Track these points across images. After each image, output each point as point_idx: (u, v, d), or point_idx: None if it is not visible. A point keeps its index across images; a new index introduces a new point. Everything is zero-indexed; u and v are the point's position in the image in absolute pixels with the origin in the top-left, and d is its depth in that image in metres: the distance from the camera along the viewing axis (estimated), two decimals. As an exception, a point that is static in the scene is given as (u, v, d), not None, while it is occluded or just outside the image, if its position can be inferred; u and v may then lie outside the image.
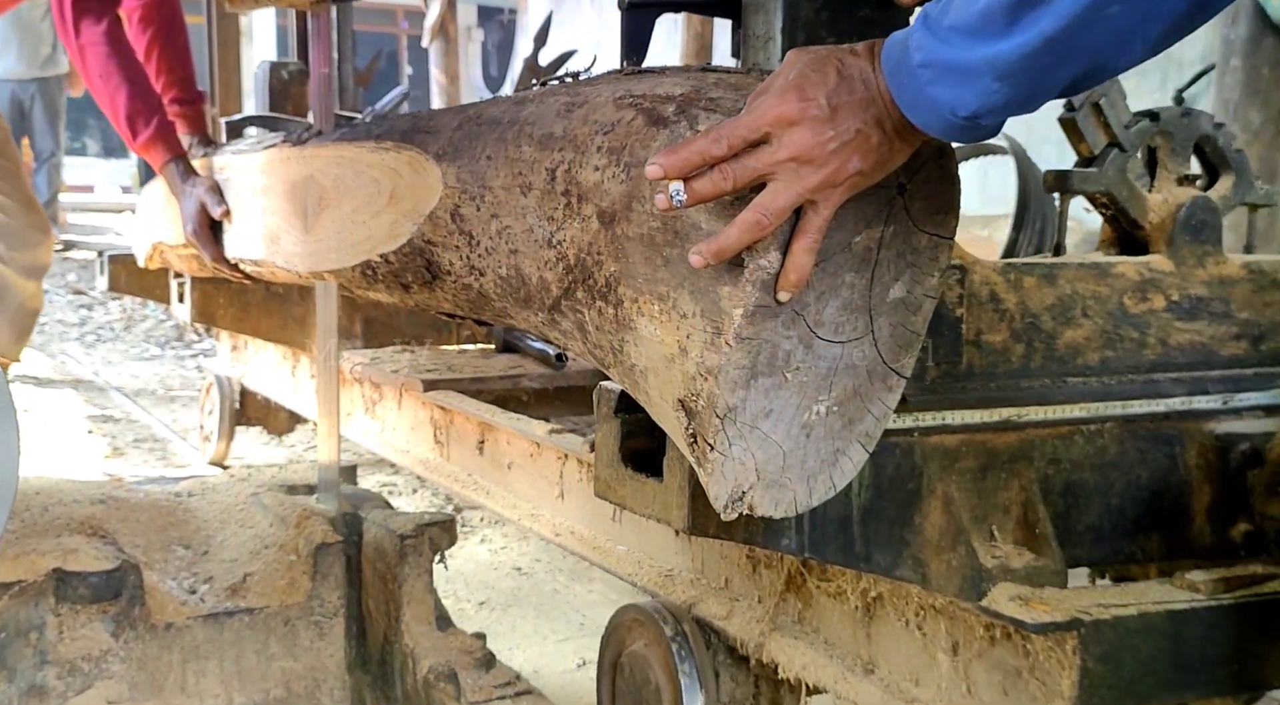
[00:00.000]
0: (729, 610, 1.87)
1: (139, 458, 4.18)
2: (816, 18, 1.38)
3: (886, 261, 1.11)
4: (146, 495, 1.64)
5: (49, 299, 7.31)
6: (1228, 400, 1.58)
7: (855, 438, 1.15)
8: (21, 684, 1.35)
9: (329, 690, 1.53)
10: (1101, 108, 1.57)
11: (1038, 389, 1.52)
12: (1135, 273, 1.58)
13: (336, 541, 1.55)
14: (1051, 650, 1.38)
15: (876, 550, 1.43)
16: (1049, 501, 1.51)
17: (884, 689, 1.60)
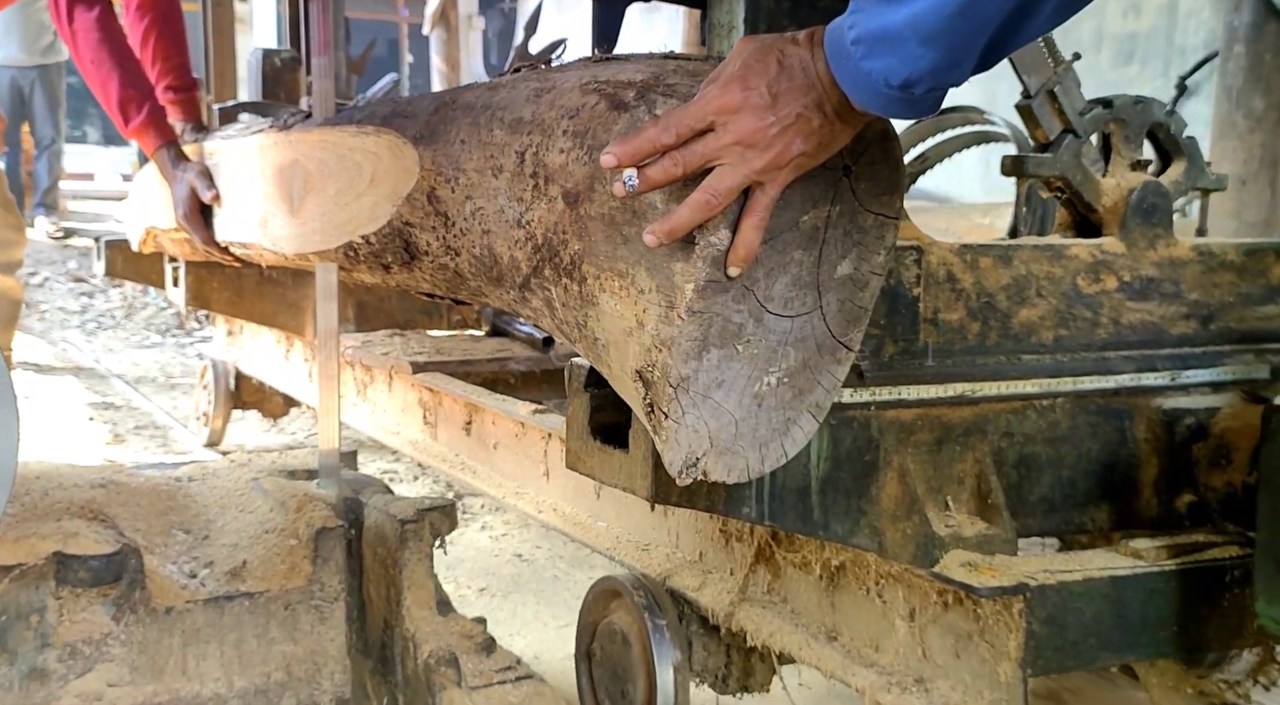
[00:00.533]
0: (701, 582, 1.93)
1: (140, 444, 4.21)
2: (778, 7, 1.44)
3: (834, 240, 1.17)
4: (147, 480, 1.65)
5: (49, 287, 7.36)
6: (1175, 377, 1.64)
7: (806, 408, 1.22)
8: (22, 666, 1.35)
9: (329, 674, 1.53)
10: (1056, 95, 1.63)
11: (993, 366, 1.58)
12: (1088, 254, 1.64)
13: (337, 526, 1.55)
14: (999, 613, 1.45)
15: (834, 519, 1.50)
16: (1002, 473, 1.58)
17: (845, 654, 1.67)
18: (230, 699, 1.48)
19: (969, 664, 1.51)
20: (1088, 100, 1.65)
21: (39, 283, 7.35)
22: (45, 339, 6.40)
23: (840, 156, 1.13)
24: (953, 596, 1.52)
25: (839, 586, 1.71)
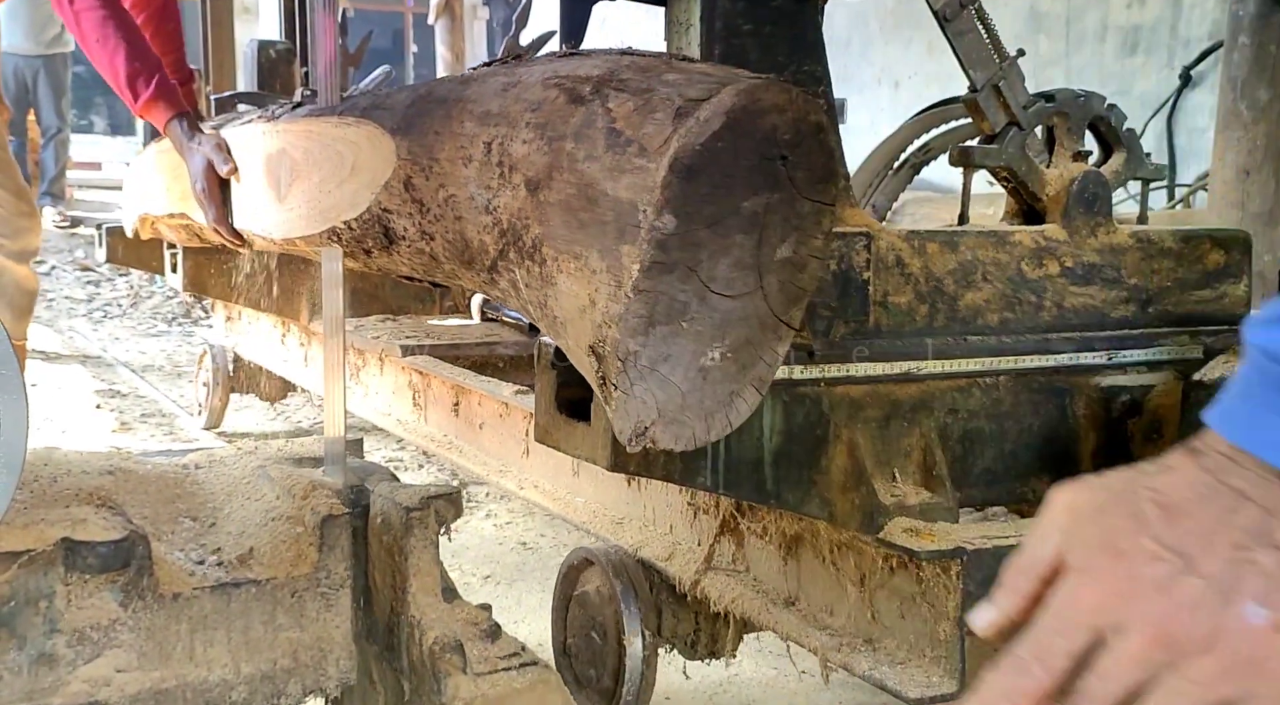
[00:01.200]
0: (670, 552, 2.03)
1: (146, 432, 4.25)
2: (733, 6, 1.53)
3: (773, 224, 1.26)
4: (154, 467, 1.64)
5: (56, 275, 7.41)
6: (1113, 357, 1.73)
7: (749, 381, 1.31)
8: (31, 652, 1.36)
9: (335, 660, 1.54)
10: (1001, 89, 1.72)
11: (939, 345, 1.67)
12: (1032, 241, 1.73)
13: (343, 514, 1.53)
14: (939, 576, 1.55)
15: (786, 489, 1.59)
16: (947, 447, 1.67)
17: (801, 618, 1.77)
18: (237, 685, 1.47)
19: (912, 624, 1.61)
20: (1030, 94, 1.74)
21: (46, 271, 7.40)
22: (53, 327, 6.44)
23: (776, 147, 1.22)
24: (897, 562, 1.62)
25: (796, 555, 1.81)
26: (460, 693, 1.37)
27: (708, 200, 1.20)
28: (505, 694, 1.37)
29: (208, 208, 2.24)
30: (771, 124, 1.22)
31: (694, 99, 1.19)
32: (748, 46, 1.54)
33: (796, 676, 2.32)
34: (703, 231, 1.21)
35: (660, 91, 1.23)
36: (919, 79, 7.48)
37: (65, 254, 7.74)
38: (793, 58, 1.57)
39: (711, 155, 1.18)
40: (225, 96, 3.19)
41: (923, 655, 1.59)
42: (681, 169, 1.17)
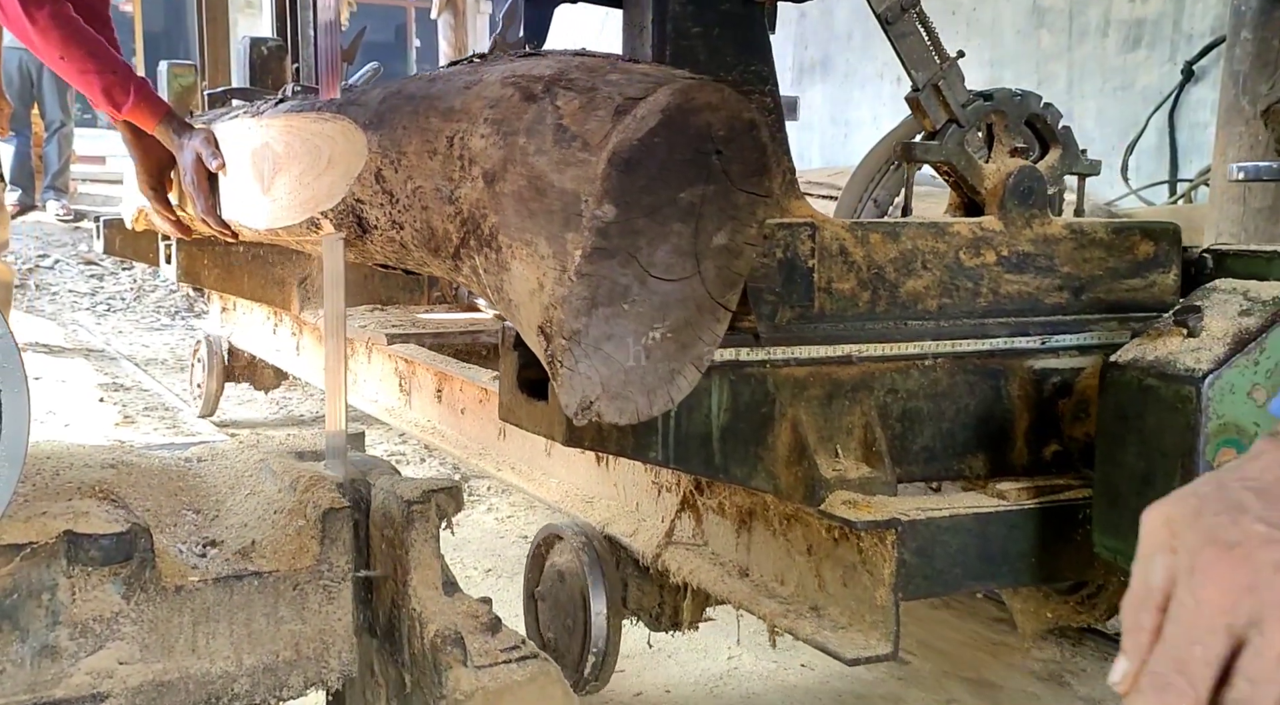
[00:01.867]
0: (635, 528, 2.14)
1: (149, 425, 4.30)
2: (682, 10, 1.63)
3: (709, 214, 1.36)
4: (157, 461, 1.65)
5: (60, 269, 7.44)
6: (1045, 341, 1.84)
7: (689, 360, 1.41)
8: (34, 644, 1.36)
9: (337, 653, 1.54)
10: (941, 89, 1.82)
11: (880, 330, 1.77)
12: (969, 231, 1.83)
13: (344, 507, 1.54)
14: (876, 545, 1.65)
15: (734, 464, 1.70)
16: (887, 425, 1.78)
17: (753, 588, 1.88)
18: (239, 677, 1.49)
19: (854, 591, 1.71)
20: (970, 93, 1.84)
21: (49, 265, 7.44)
22: (56, 321, 6.48)
23: (711, 142, 1.32)
24: (840, 533, 1.72)
25: (750, 529, 1.92)
26: (461, 685, 1.38)
27: (646, 191, 1.31)
28: (506, 687, 1.38)
29: (196, 199, 2.29)
30: (706, 121, 1.32)
31: (633, 97, 1.29)
32: (697, 47, 1.65)
33: (797, 670, 2.38)
34: (641, 220, 1.31)
35: (603, 90, 1.33)
36: None
37: (69, 248, 7.76)
38: (740, 58, 1.67)
39: (648, 149, 1.29)
40: (218, 92, 3.29)
41: (862, 620, 1.69)
42: (620, 162, 1.28)
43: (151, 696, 1.42)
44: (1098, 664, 2.45)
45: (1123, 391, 1.57)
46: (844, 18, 7.94)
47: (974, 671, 2.43)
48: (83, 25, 2.33)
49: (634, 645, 2.43)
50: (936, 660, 2.48)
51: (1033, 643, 2.40)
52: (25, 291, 6.94)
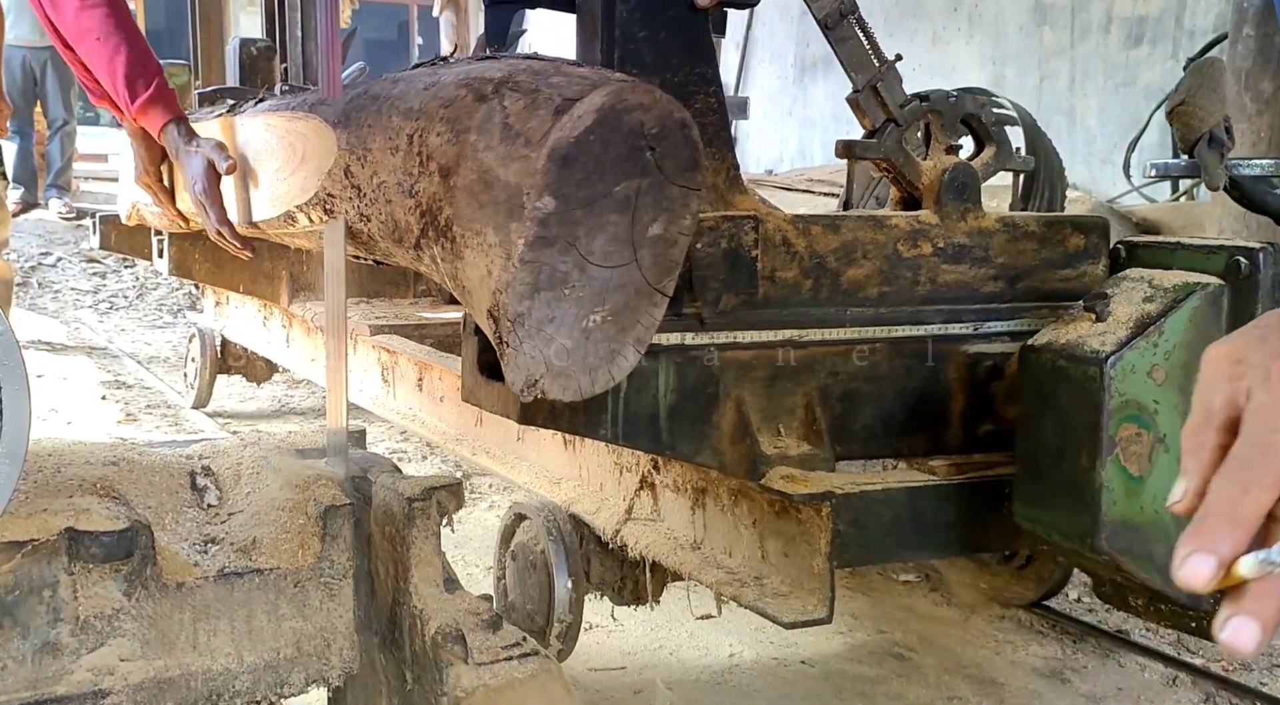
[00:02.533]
0: (598, 507, 2.25)
1: (151, 423, 4.32)
2: (630, 16, 1.74)
3: (644, 206, 1.47)
4: (158, 458, 1.64)
5: (63, 267, 7.45)
6: (979, 327, 1.95)
7: (629, 341, 1.52)
8: (35, 641, 1.36)
9: (338, 650, 1.54)
10: (880, 90, 1.93)
11: (822, 316, 1.88)
12: (907, 224, 1.94)
13: (345, 504, 1.54)
14: (813, 517, 1.76)
15: (680, 441, 1.81)
16: (828, 406, 1.89)
17: (703, 560, 1.99)
18: (240, 674, 1.48)
19: (794, 561, 1.82)
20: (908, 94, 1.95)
21: (52, 263, 7.45)
22: (58, 319, 6.48)
23: (644, 139, 1.43)
24: (782, 507, 1.83)
25: (702, 505, 2.03)
26: (462, 682, 1.38)
27: (583, 184, 1.42)
28: (506, 684, 1.38)
29: (209, 209, 2.22)
30: (638, 120, 1.43)
31: (570, 98, 1.40)
32: (644, 51, 1.76)
33: (798, 666, 2.42)
34: (579, 211, 1.42)
35: (545, 92, 1.44)
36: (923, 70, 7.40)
37: (71, 246, 7.76)
38: (685, 61, 1.78)
39: (584, 146, 1.40)
40: (208, 91, 3.40)
41: (801, 587, 1.80)
42: (558, 158, 1.39)
43: (153, 693, 1.43)
44: (1099, 661, 2.48)
45: (1038, 372, 1.68)
46: None
47: (976, 668, 2.43)
48: (128, 15, 2.31)
49: (635, 642, 2.49)
50: (939, 657, 2.48)
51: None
52: (28, 289, 6.97)
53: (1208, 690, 2.35)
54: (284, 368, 4.13)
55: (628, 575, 2.27)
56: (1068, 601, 2.75)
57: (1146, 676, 2.43)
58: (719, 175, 1.81)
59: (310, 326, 3.65)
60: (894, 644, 2.54)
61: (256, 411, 4.72)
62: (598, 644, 2.48)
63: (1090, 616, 2.67)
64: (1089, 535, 1.61)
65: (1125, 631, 2.62)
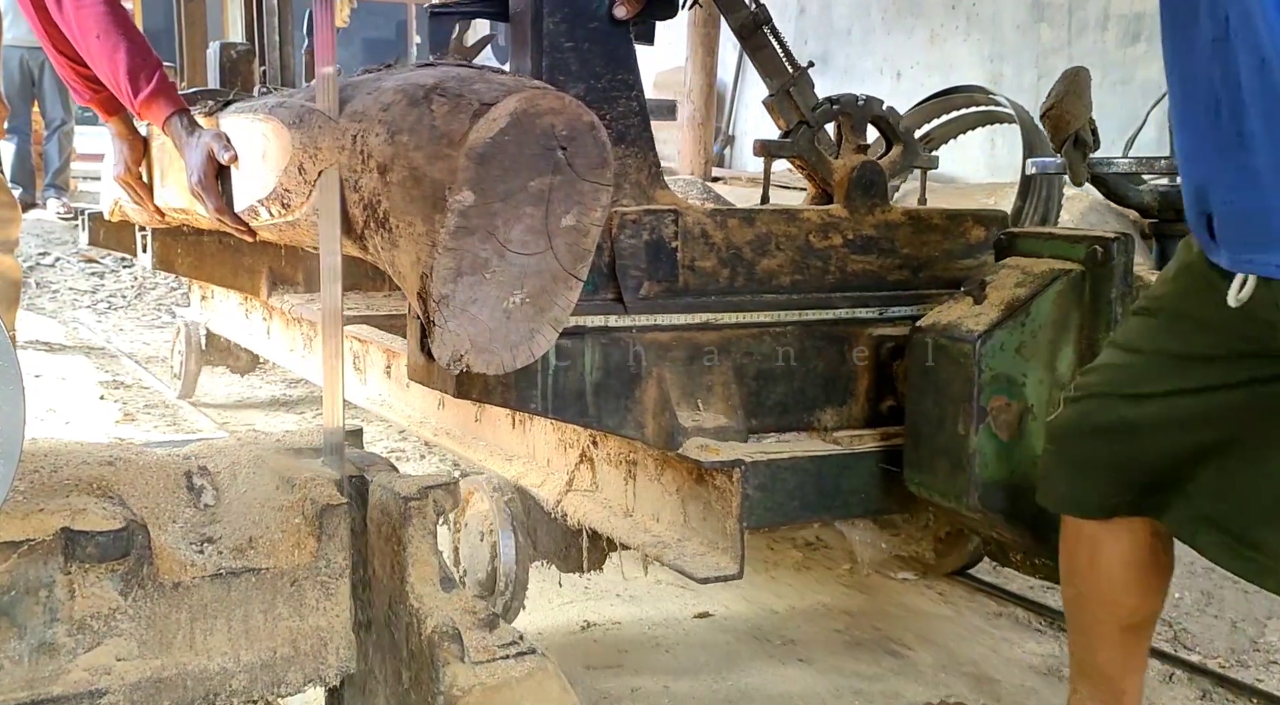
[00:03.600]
0: (543, 480, 2.42)
1: (150, 423, 4.29)
2: (556, 28, 1.92)
3: (558, 200, 1.65)
4: (155, 458, 1.62)
5: (60, 267, 7.42)
6: (884, 312, 2.12)
7: (546, 321, 1.70)
8: (32, 641, 1.36)
9: (335, 649, 1.55)
10: (793, 94, 2.10)
11: (738, 302, 2.06)
12: (818, 217, 2.12)
13: (341, 503, 1.54)
14: (725, 482, 1.94)
15: (605, 414, 1.98)
16: (743, 383, 2.06)
17: (633, 525, 2.16)
18: (237, 673, 1.49)
19: (710, 524, 2.00)
20: (819, 98, 2.13)
21: (50, 263, 7.42)
22: (56, 318, 6.46)
23: (555, 140, 1.61)
24: (699, 474, 2.01)
25: (634, 475, 2.20)
26: (458, 681, 1.39)
27: (500, 180, 1.59)
28: (503, 682, 1.39)
29: (208, 199, 2.26)
30: (550, 123, 1.61)
31: (487, 103, 1.58)
32: (569, 60, 1.93)
33: (795, 664, 2.43)
34: (497, 204, 1.60)
35: (467, 97, 1.62)
36: (921, 69, 7.48)
37: (69, 246, 7.67)
38: (607, 68, 1.95)
39: (500, 146, 1.57)
40: (191, 92, 3.57)
41: (716, 547, 1.98)
42: (476, 156, 1.56)
43: (149, 693, 1.43)
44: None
45: (922, 350, 1.86)
46: (843, 14, 8.04)
47: (973, 665, 2.44)
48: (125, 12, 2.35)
49: (635, 639, 2.51)
50: (935, 654, 2.48)
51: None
52: (26, 289, 6.68)
53: (1204, 686, 2.36)
54: (265, 358, 4.30)
55: (571, 543, 2.44)
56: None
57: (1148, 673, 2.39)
58: (641, 172, 1.99)
59: (288, 318, 3.83)
60: (891, 641, 2.54)
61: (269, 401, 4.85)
62: (595, 642, 2.52)
63: None
64: (964, 495, 1.79)
65: None
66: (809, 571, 2.94)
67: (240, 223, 2.26)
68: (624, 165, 1.97)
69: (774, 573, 2.92)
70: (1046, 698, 2.31)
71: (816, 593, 2.80)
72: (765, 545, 3.07)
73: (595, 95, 1.93)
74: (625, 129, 1.97)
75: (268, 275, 3.85)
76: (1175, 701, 2.31)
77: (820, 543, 3.08)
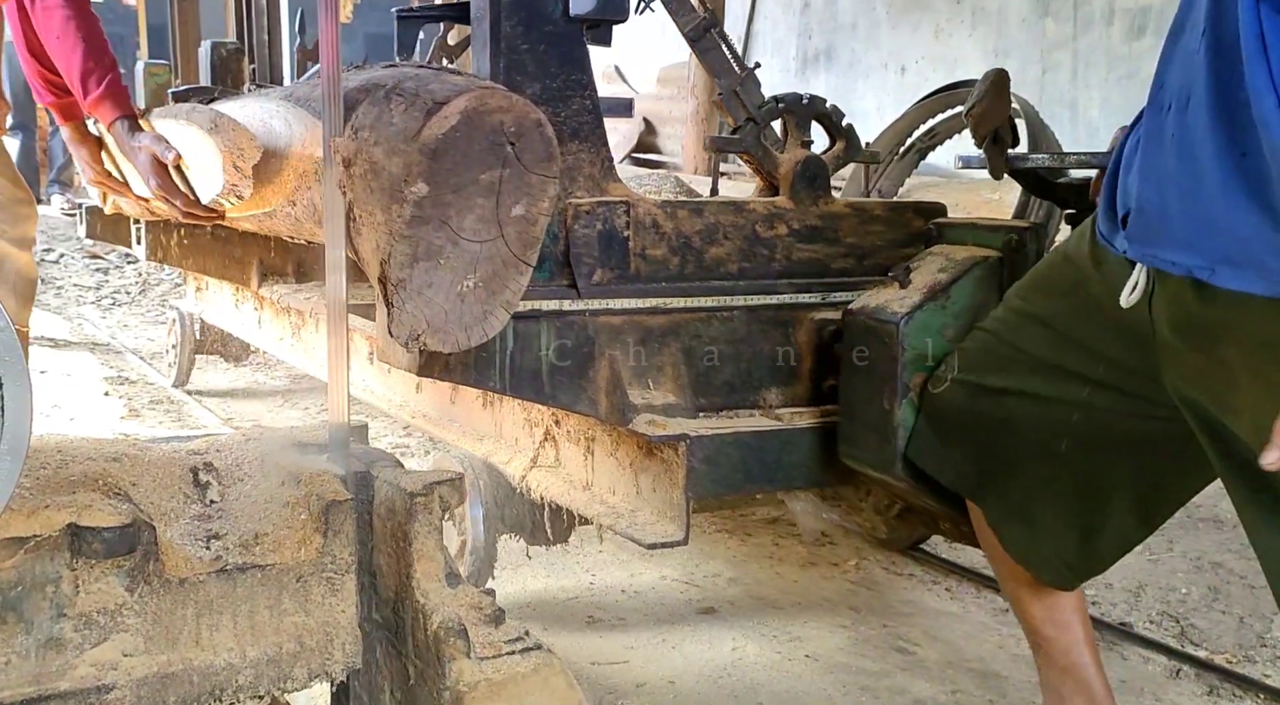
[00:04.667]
0: (511, 457, 2.56)
1: (155, 419, 4.34)
2: (514, 31, 2.05)
3: (507, 191, 1.78)
4: (161, 453, 1.63)
5: (65, 263, 7.44)
6: (826, 297, 2.25)
7: (499, 304, 1.83)
8: (39, 636, 1.36)
9: (341, 645, 1.55)
10: (740, 94, 2.23)
11: (687, 288, 2.19)
12: (765, 209, 2.25)
13: (347, 499, 1.55)
14: (672, 455, 2.07)
15: (561, 392, 2.12)
16: (692, 364, 2.19)
17: (590, 497, 2.30)
18: (243, 669, 1.49)
19: (660, 495, 2.13)
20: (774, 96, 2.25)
21: (55, 259, 7.44)
22: (61, 314, 6.46)
23: (504, 136, 1.74)
24: (649, 448, 2.14)
25: (593, 451, 2.34)
26: (464, 677, 1.40)
27: (452, 173, 1.73)
28: (509, 678, 1.40)
29: (173, 199, 2.33)
30: (499, 120, 1.74)
31: (440, 102, 1.71)
32: (526, 61, 2.06)
33: (802, 660, 2.45)
34: (450, 195, 1.74)
35: (423, 96, 1.75)
36: (926, 63, 7.52)
37: (73, 242, 7.63)
38: (562, 69, 2.08)
39: (451, 142, 1.71)
40: (181, 90, 3.70)
41: (664, 517, 2.11)
42: (429, 151, 1.70)
43: (155, 688, 1.44)
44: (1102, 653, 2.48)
45: (854, 331, 2.00)
46: (848, 7, 8.06)
47: (980, 662, 2.46)
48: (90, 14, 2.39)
49: (638, 636, 2.55)
50: (942, 651, 2.50)
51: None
52: None
53: (1211, 683, 2.37)
54: (256, 347, 4.44)
55: (537, 517, 2.58)
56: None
57: (1149, 669, 2.45)
58: (594, 166, 2.12)
59: (277, 308, 3.97)
60: (898, 638, 2.57)
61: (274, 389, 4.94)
62: (600, 638, 2.55)
63: (1093, 610, 2.67)
64: (890, 466, 1.92)
65: (1128, 624, 2.66)
66: (815, 568, 2.97)
67: (210, 211, 2.34)
68: (578, 160, 2.09)
69: (779, 569, 2.95)
70: (1054, 694, 2.36)
71: (822, 589, 2.83)
72: (771, 542, 3.11)
73: (550, 94, 2.06)
74: (579, 126, 2.10)
75: (257, 266, 3.98)
76: (1182, 697, 2.32)
77: (826, 539, 3.11)
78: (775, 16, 8.86)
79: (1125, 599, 2.80)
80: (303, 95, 2.10)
